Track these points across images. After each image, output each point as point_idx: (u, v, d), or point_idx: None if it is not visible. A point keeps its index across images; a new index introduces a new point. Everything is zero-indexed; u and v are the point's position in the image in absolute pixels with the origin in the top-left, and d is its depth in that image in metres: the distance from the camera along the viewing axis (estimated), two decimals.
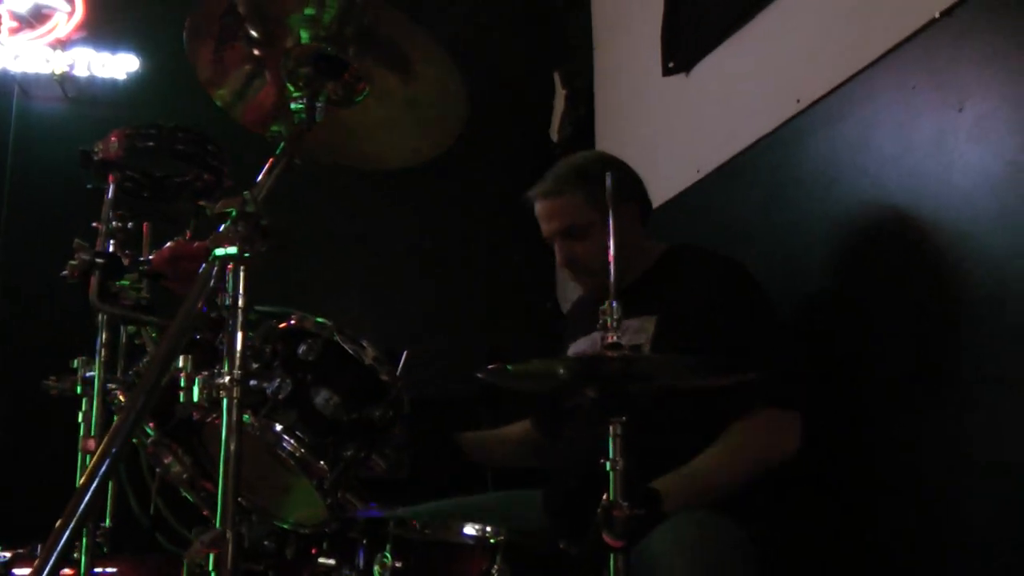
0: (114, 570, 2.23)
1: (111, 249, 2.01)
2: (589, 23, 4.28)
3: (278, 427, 1.68)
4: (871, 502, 2.25)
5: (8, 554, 2.29)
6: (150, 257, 2.02)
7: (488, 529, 1.75)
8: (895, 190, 2.25)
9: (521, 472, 2.93)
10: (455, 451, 2.70)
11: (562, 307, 4.18)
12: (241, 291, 1.44)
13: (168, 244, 2.03)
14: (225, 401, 1.39)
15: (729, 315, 2.25)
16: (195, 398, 1.44)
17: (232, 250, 1.44)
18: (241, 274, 1.44)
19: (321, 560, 1.84)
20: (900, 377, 2.19)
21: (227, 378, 1.39)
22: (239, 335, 1.42)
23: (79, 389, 2.18)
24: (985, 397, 1.96)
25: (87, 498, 1.26)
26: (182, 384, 1.46)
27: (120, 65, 4.23)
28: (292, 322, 1.81)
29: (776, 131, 2.75)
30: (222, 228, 1.47)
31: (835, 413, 2.25)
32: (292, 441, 1.68)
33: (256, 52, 1.76)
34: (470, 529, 1.76)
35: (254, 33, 1.73)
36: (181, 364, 1.48)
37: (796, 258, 2.60)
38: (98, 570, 2.08)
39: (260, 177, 1.58)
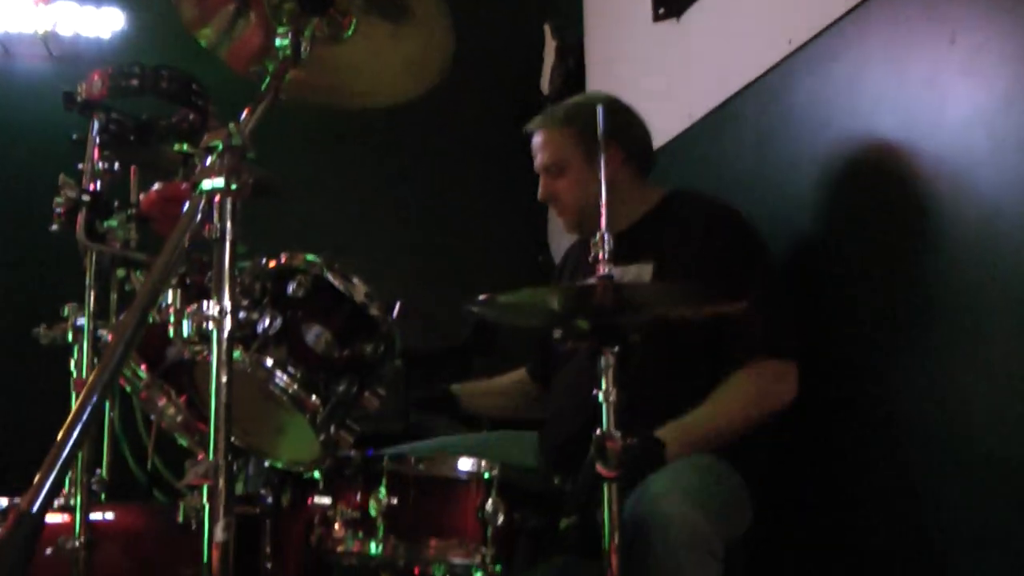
0: (111, 516, 2.23)
1: (98, 189, 1.99)
2: None
3: (269, 362, 1.67)
4: (864, 446, 2.26)
5: (4, 502, 2.28)
6: (139, 200, 2.00)
7: (483, 464, 1.75)
8: (888, 127, 2.24)
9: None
10: (450, 402, 2.70)
11: (555, 260, 4.17)
12: (229, 224, 1.43)
13: (156, 186, 2.02)
14: (215, 332, 1.38)
15: (726, 261, 2.26)
16: (185, 333, 1.43)
17: (219, 182, 1.42)
18: (228, 206, 1.43)
19: (316, 499, 1.84)
20: (893, 317, 2.18)
21: (216, 309, 1.38)
22: (226, 268, 1.41)
23: (70, 337, 2.16)
24: (977, 333, 1.95)
25: (76, 432, 1.25)
26: (171, 322, 1.45)
27: (105, 21, 4.17)
28: (282, 260, 1.80)
29: (768, 73, 2.73)
30: (208, 161, 1.45)
31: (828, 356, 2.25)
32: (284, 377, 1.67)
33: None
34: (464, 464, 1.77)
35: None
36: (170, 300, 1.47)
37: (790, 200, 2.59)
38: (95, 516, 2.07)
39: (245, 113, 1.56)
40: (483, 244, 4.48)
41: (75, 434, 1.25)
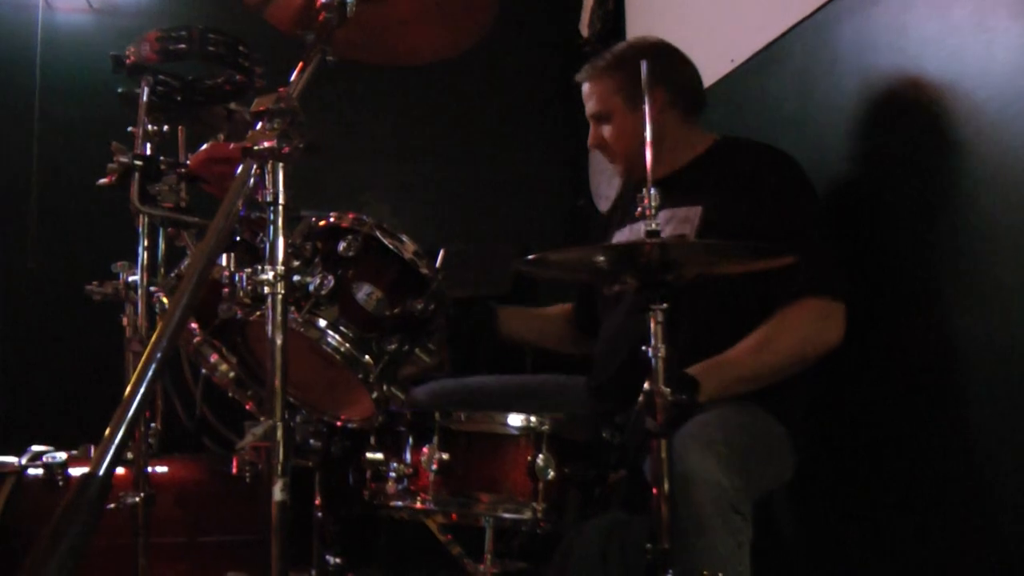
0: (165, 469, 2.28)
1: (148, 152, 2.01)
2: None
3: (322, 323, 1.70)
4: (910, 391, 2.25)
5: (63, 455, 2.34)
6: (187, 160, 2.02)
7: (533, 419, 1.77)
8: (935, 72, 2.20)
9: (560, 357, 2.93)
10: (489, 320, 2.62)
11: (595, 203, 4.16)
12: (281, 187, 1.44)
13: (204, 146, 2.03)
14: (270, 297, 1.40)
15: (774, 205, 2.23)
16: (238, 295, 1.45)
17: (270, 147, 1.43)
18: (280, 170, 1.44)
19: (369, 455, 1.86)
20: (937, 262, 2.17)
21: (270, 274, 1.40)
22: (280, 231, 1.43)
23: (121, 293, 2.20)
24: (1022, 277, 1.94)
25: (139, 396, 1.27)
26: (224, 282, 1.47)
27: None
28: (331, 219, 1.81)
29: (812, 16, 2.69)
30: (258, 126, 1.46)
31: (871, 301, 2.24)
32: (336, 336, 1.70)
33: None
34: (515, 420, 1.78)
35: None
36: (224, 262, 1.49)
37: (833, 144, 2.56)
38: (150, 469, 2.12)
39: (294, 75, 1.57)
40: (525, 189, 4.47)
41: (137, 400, 1.26)
